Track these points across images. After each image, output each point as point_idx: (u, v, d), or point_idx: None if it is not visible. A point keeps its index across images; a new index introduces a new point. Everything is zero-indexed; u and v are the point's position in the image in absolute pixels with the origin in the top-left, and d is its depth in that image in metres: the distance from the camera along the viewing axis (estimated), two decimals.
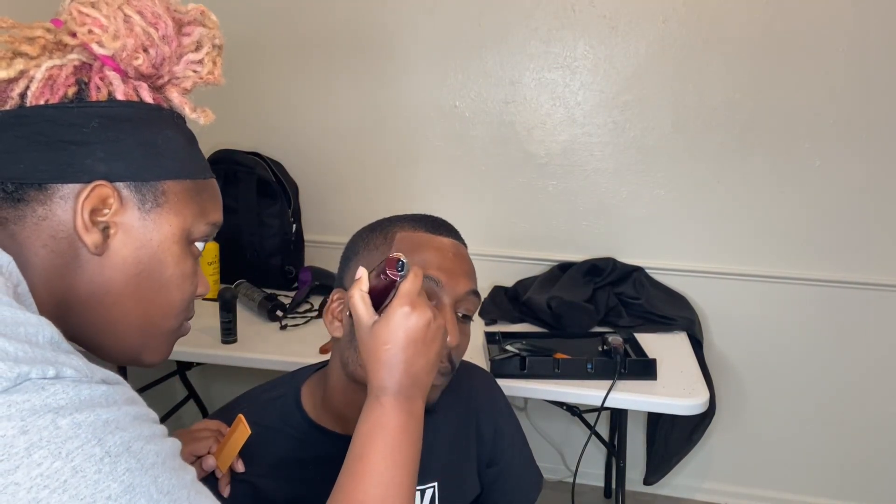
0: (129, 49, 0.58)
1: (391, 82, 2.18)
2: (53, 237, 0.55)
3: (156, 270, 0.59)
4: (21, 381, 0.41)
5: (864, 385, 2.11)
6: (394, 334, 0.67)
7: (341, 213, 2.30)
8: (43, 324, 0.46)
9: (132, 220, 0.58)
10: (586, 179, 2.15)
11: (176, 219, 0.60)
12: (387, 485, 0.62)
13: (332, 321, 0.85)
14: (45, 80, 0.56)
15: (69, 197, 0.55)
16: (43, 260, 0.55)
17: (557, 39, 2.07)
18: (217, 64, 0.64)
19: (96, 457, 0.42)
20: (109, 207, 0.56)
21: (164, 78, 0.62)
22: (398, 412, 0.66)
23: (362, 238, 0.87)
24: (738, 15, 1.95)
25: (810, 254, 2.06)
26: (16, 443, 0.39)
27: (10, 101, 0.56)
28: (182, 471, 0.48)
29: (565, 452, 2.38)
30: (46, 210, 0.55)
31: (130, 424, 0.45)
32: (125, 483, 0.43)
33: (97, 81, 0.57)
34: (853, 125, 1.95)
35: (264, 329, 1.83)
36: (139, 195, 0.58)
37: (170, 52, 0.61)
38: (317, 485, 0.82)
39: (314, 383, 0.90)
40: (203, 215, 0.63)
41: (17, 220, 0.55)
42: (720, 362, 2.15)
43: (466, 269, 0.85)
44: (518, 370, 1.56)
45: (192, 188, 0.62)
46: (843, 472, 2.20)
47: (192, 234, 0.62)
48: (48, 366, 0.43)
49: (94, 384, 0.45)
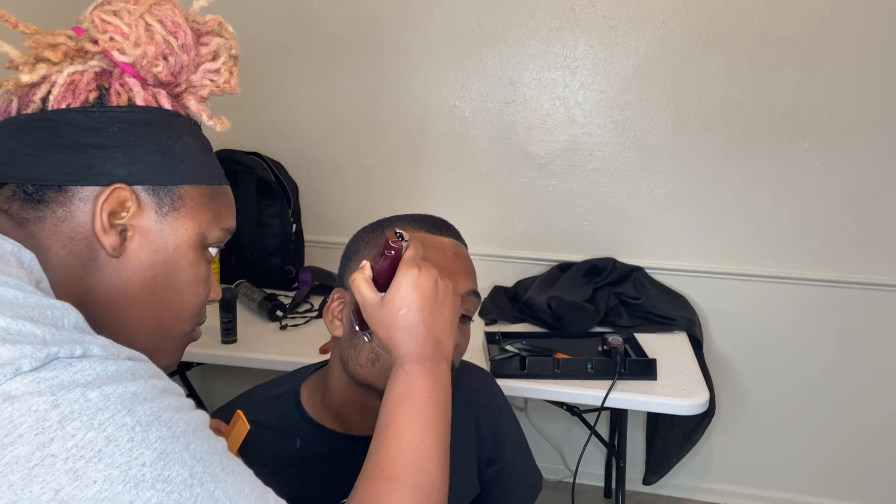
0: (150, 57, 0.59)
1: (391, 82, 2.18)
2: (72, 238, 0.56)
3: (171, 273, 0.60)
4: (49, 360, 0.42)
5: (863, 385, 2.11)
6: (407, 297, 0.67)
7: (341, 213, 2.30)
8: (68, 308, 0.47)
9: (149, 223, 0.59)
10: (586, 179, 2.15)
11: (192, 223, 0.61)
12: (418, 450, 0.62)
13: (333, 320, 0.85)
14: (67, 85, 0.57)
15: (88, 199, 0.56)
16: (62, 260, 0.56)
17: (557, 39, 2.07)
18: (233, 73, 0.65)
19: (128, 426, 0.43)
20: (127, 210, 0.57)
21: (181, 86, 0.63)
22: (424, 378, 0.66)
23: (362, 238, 0.87)
24: (739, 15, 1.95)
25: (810, 254, 2.06)
26: (49, 416, 0.40)
27: (33, 105, 0.57)
28: (213, 440, 0.48)
29: (565, 452, 2.38)
30: (66, 211, 0.56)
31: (158, 396, 0.46)
32: (158, 450, 0.43)
33: (117, 87, 0.59)
34: (853, 125, 1.95)
35: (264, 329, 1.83)
36: (156, 199, 0.59)
37: (188, 61, 0.62)
38: (317, 483, 0.82)
39: (314, 382, 0.90)
40: (218, 220, 0.64)
41: (36, 220, 0.56)
42: (720, 362, 2.15)
43: (467, 268, 0.85)
44: (518, 370, 1.56)
45: (207, 193, 0.63)
46: (842, 472, 2.20)
47: (206, 238, 0.63)
48: (75, 345, 0.44)
49: (120, 360, 0.46)
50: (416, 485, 0.60)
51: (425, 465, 0.62)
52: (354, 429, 0.86)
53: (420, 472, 0.61)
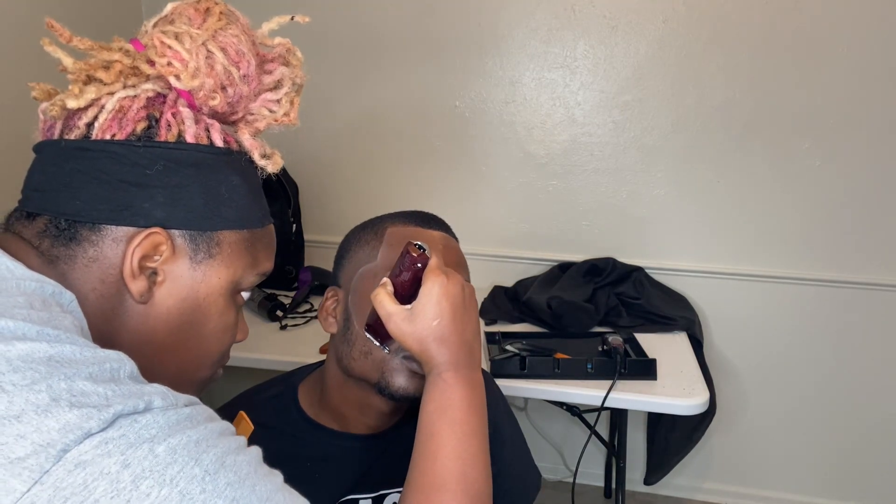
0: (207, 89, 0.56)
1: (391, 82, 2.18)
2: (102, 281, 0.53)
3: (198, 322, 0.58)
4: (115, 419, 0.41)
5: (863, 385, 2.11)
6: (440, 307, 0.66)
7: (341, 213, 2.30)
8: (123, 359, 0.46)
9: (182, 269, 0.55)
10: (586, 179, 2.15)
11: (226, 271, 0.58)
12: (462, 458, 0.63)
13: (327, 317, 0.86)
14: (116, 112, 0.53)
15: (121, 240, 0.53)
16: (92, 304, 0.53)
17: (557, 39, 2.07)
18: (294, 104, 0.62)
19: (198, 477, 0.43)
20: (160, 255, 0.54)
21: (237, 114, 0.59)
22: (462, 386, 0.66)
23: (354, 236, 0.88)
24: (738, 15, 1.95)
25: (810, 254, 2.06)
26: (121, 478, 0.40)
27: (76, 131, 0.54)
28: (272, 475, 0.49)
29: (565, 452, 2.38)
30: (97, 251, 0.53)
31: (218, 440, 0.46)
32: (228, 497, 0.44)
33: (168, 118, 0.55)
34: (853, 125, 1.95)
35: (264, 329, 1.83)
36: (193, 245, 0.56)
37: (248, 92, 0.59)
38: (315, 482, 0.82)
39: (311, 382, 0.90)
40: (254, 266, 0.61)
41: (67, 259, 0.53)
42: (720, 362, 2.15)
43: (457, 260, 0.85)
44: (518, 370, 1.56)
45: (247, 238, 0.59)
46: (842, 472, 2.20)
47: (240, 285, 0.60)
48: (138, 400, 0.43)
49: (179, 408, 0.45)
50: (465, 493, 0.61)
51: (471, 473, 0.62)
52: (352, 427, 0.86)
53: (467, 481, 0.62)
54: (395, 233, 0.84)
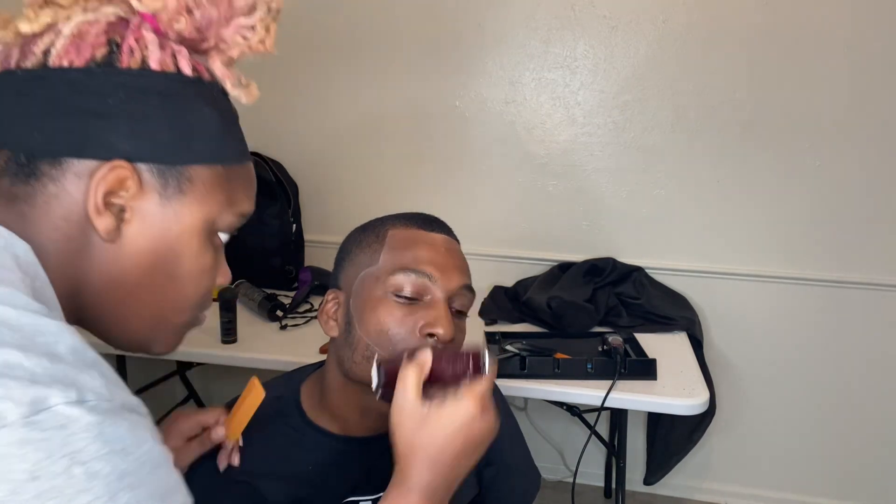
0: (171, 10, 0.51)
1: (391, 82, 2.18)
2: (65, 219, 0.50)
3: (171, 263, 0.54)
4: (39, 411, 0.37)
5: (864, 385, 2.11)
6: (453, 439, 0.63)
7: (341, 213, 2.29)
8: (63, 331, 0.43)
9: (151, 206, 0.52)
10: (586, 179, 2.15)
11: (199, 209, 0.54)
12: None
13: (328, 321, 0.85)
14: (74, 37, 0.50)
15: (84, 175, 0.50)
16: (55, 244, 0.50)
17: (557, 39, 2.07)
18: (270, 31, 0.56)
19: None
20: (126, 190, 0.51)
21: (209, 41, 0.55)
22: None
23: (354, 238, 0.87)
24: (739, 15, 1.95)
25: (810, 253, 2.06)
26: (24, 489, 0.36)
27: (33, 58, 0.50)
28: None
29: (565, 452, 2.38)
30: (58, 188, 0.49)
31: (147, 478, 0.41)
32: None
33: (131, 43, 0.51)
34: (853, 125, 1.95)
35: (264, 329, 1.83)
36: (161, 180, 0.52)
37: (218, 15, 0.54)
38: (315, 485, 0.82)
39: (312, 383, 0.90)
40: (231, 205, 0.57)
41: (27, 197, 0.49)
42: (720, 362, 2.15)
43: (459, 263, 0.85)
44: (518, 370, 1.56)
45: (222, 175, 0.56)
46: (843, 472, 2.20)
47: (216, 224, 0.56)
48: (70, 388, 0.39)
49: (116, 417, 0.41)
50: None
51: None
52: (353, 430, 0.86)
53: None
54: (397, 235, 0.84)
